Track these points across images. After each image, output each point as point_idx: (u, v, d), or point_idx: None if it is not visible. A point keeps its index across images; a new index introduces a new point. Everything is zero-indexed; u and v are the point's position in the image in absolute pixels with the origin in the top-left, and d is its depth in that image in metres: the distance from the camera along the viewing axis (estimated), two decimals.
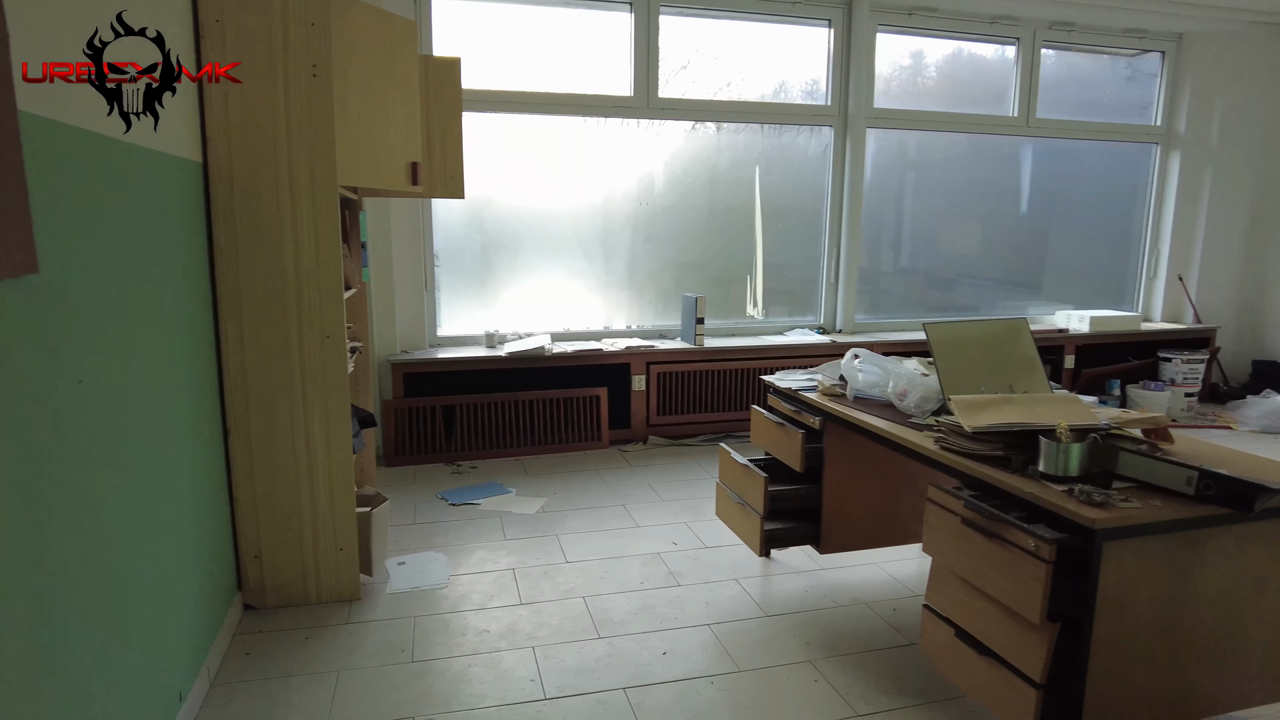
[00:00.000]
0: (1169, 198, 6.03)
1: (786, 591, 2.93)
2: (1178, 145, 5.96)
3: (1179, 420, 5.36)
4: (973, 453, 1.97)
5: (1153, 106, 6.03)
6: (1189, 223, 6.03)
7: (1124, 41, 5.79)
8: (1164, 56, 5.94)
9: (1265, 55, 5.82)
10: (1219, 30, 5.68)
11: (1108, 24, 5.55)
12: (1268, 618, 1.87)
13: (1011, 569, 1.73)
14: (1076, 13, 5.32)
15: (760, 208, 5.23)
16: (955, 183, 5.75)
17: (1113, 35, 5.71)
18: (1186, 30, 5.76)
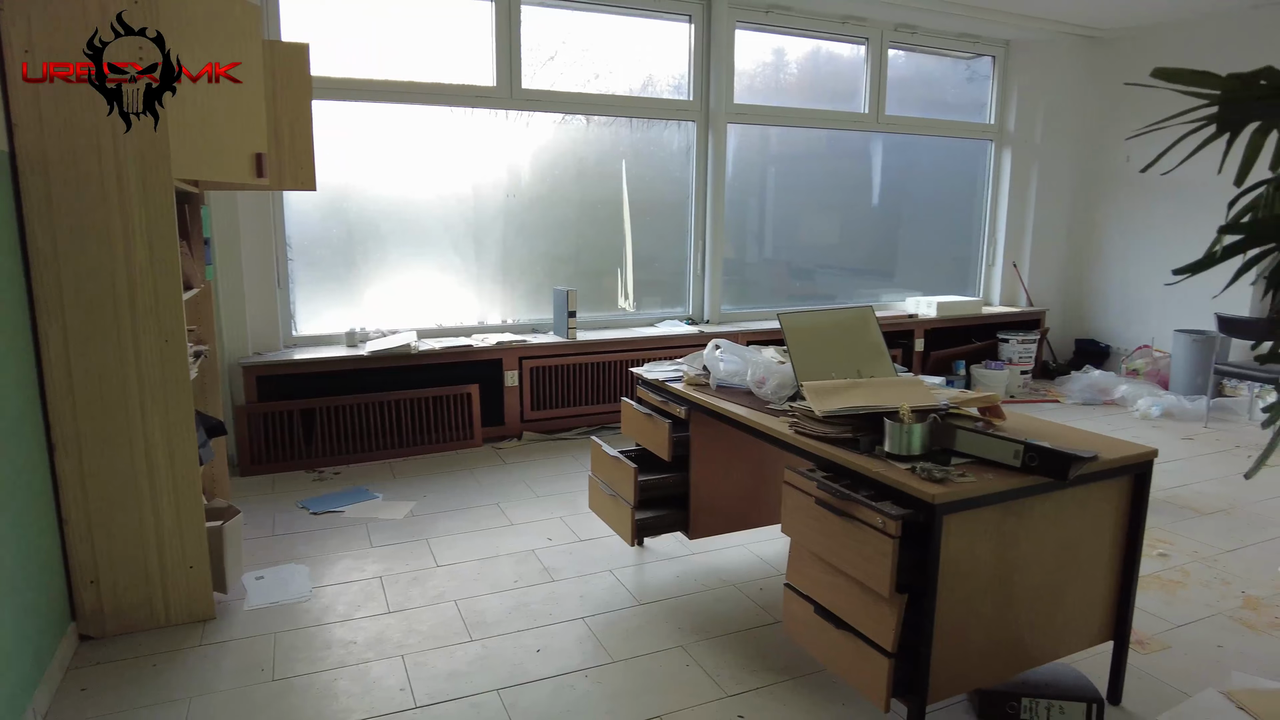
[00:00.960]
0: (1003, 191, 6.53)
1: (659, 579, 2.98)
2: (1009, 142, 6.46)
3: (1016, 396, 5.83)
4: (824, 435, 2.06)
5: (987, 106, 6.50)
6: (1020, 214, 6.55)
7: (960, 45, 6.21)
8: (995, 61, 6.42)
9: (1077, 62, 6.38)
10: (1039, 38, 6.18)
11: (945, 28, 5.94)
12: (1082, 573, 2.06)
13: (862, 545, 1.83)
14: (919, 16, 5.65)
15: (628, 201, 5.27)
16: (814, 176, 6.01)
17: (950, 39, 6.11)
18: (1013, 37, 6.24)
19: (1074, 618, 2.09)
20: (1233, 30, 5.52)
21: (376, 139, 4.55)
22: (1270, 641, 2.55)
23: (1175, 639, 2.57)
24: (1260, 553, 3.22)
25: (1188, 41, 5.78)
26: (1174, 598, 2.84)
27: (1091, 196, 6.57)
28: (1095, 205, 6.55)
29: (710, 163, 5.38)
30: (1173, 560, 3.15)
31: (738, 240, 5.80)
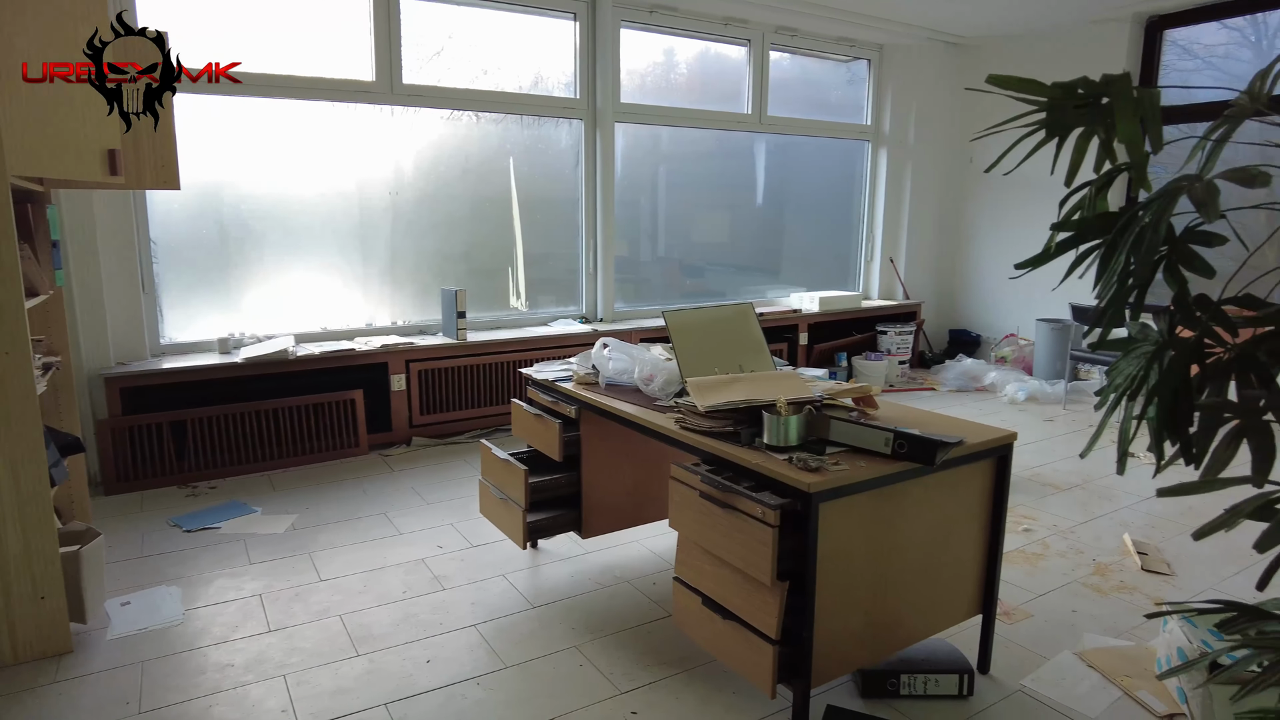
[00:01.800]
0: (880, 190, 6.83)
1: (553, 580, 2.97)
2: (884, 143, 6.76)
3: (894, 385, 6.11)
4: (707, 430, 2.10)
5: (863, 108, 6.78)
6: (896, 211, 6.87)
7: (838, 48, 6.44)
8: (870, 64, 6.70)
9: (944, 67, 6.74)
10: (910, 43, 6.50)
11: (824, 31, 6.15)
12: (952, 552, 2.18)
13: (744, 535, 1.88)
14: (798, 19, 5.83)
15: (517, 198, 5.22)
16: (705, 175, 6.12)
17: (828, 42, 6.33)
18: (886, 42, 6.53)
19: (946, 595, 2.21)
20: (1075, 40, 5.96)
21: (251, 135, 4.32)
22: (1115, 603, 2.77)
23: (1036, 608, 2.75)
24: (1108, 523, 3.50)
25: (1037, 49, 6.21)
26: (1036, 569, 3.05)
27: (959, 194, 6.96)
28: (963, 203, 6.94)
29: (599, 161, 5.39)
30: (1035, 534, 3.37)
31: (631, 238, 5.84)
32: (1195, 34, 5.67)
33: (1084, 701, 2.22)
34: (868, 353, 6.21)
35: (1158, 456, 1.10)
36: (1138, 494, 3.83)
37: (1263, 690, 0.96)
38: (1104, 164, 1.13)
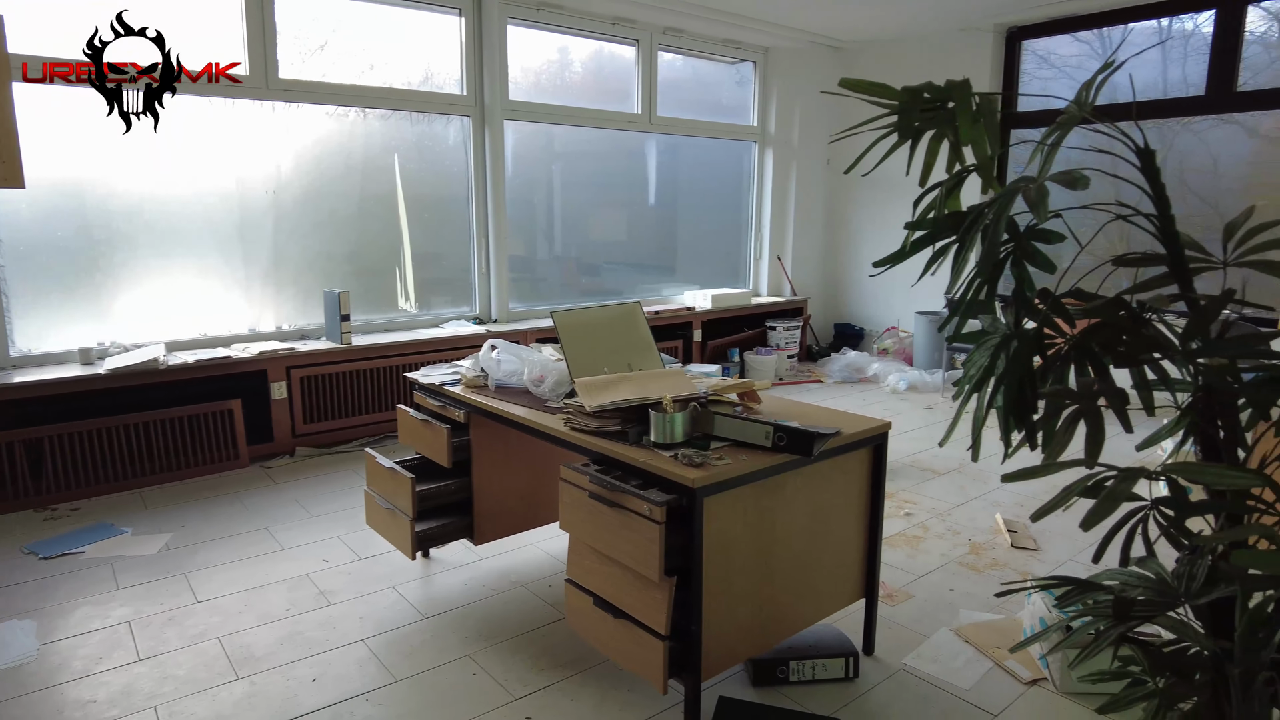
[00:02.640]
0: (767, 189, 7.00)
1: (446, 588, 2.90)
2: (770, 143, 6.93)
3: (784, 378, 6.28)
4: (596, 430, 2.10)
5: (750, 108, 6.93)
6: (783, 210, 7.07)
7: (725, 50, 6.57)
8: (756, 66, 6.86)
9: (826, 70, 6.98)
10: (794, 46, 6.69)
11: (711, 33, 6.25)
12: (834, 540, 2.26)
13: (633, 533, 1.88)
14: (685, 20, 5.90)
15: (404, 197, 5.08)
16: (600, 174, 6.13)
17: (715, 44, 6.44)
18: (771, 45, 6.70)
19: (830, 581, 2.28)
20: (946, 47, 6.29)
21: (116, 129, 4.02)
22: (988, 579, 2.94)
23: (917, 588, 2.88)
24: (982, 504, 3.71)
25: (912, 54, 6.51)
26: (916, 551, 3.20)
27: (841, 194, 7.22)
28: (845, 202, 7.21)
29: (489, 159, 5.30)
30: (915, 518, 3.54)
31: (527, 237, 5.78)
32: (1051, 45, 6.07)
33: (959, 675, 2.34)
34: (758, 348, 6.36)
35: (1005, 443, 1.17)
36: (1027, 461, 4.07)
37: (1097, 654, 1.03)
38: (954, 165, 1.19)
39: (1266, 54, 5.14)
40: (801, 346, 6.74)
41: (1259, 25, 5.13)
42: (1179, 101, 5.41)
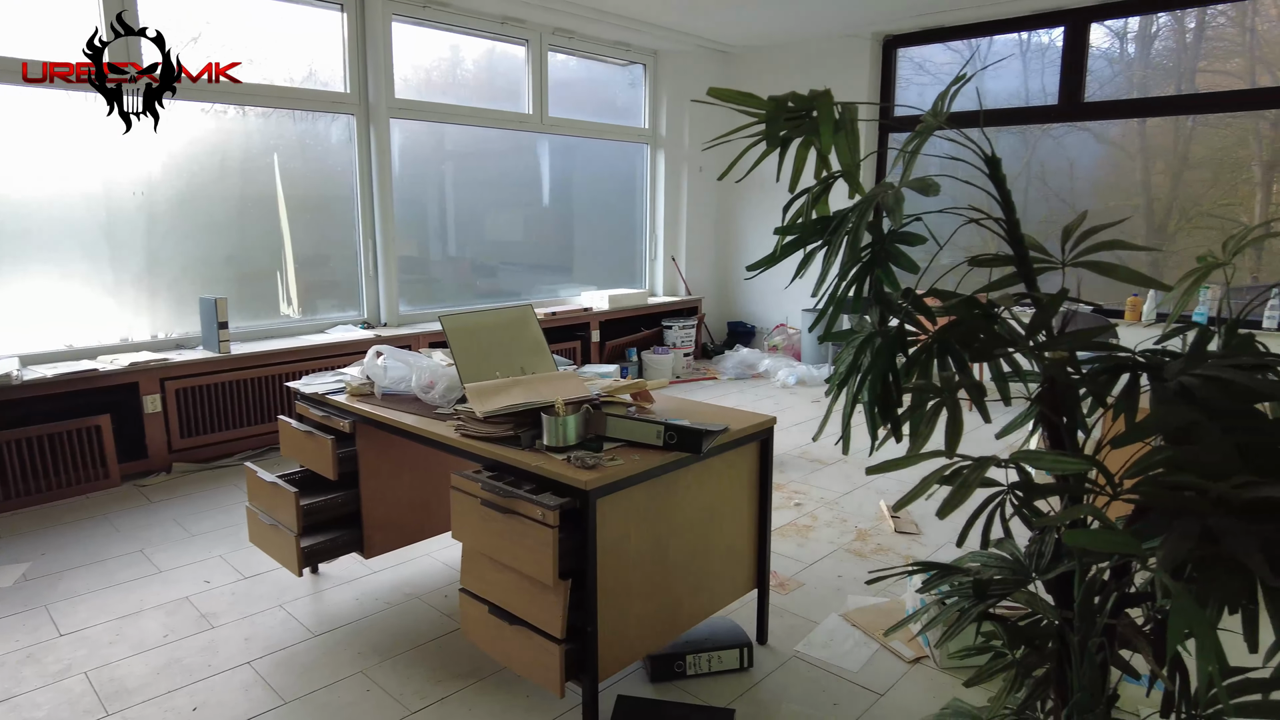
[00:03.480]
0: (659, 191, 7.09)
1: (338, 604, 2.81)
2: (662, 145, 7.02)
3: (681, 376, 6.38)
4: (488, 435, 2.08)
5: (641, 111, 7.00)
6: (676, 211, 7.17)
7: (615, 52, 6.60)
8: (646, 68, 6.93)
9: (715, 73, 7.12)
10: (683, 50, 6.79)
11: (601, 35, 6.27)
12: (726, 534, 2.32)
13: (526, 539, 1.88)
14: (575, 22, 5.90)
15: (285, 197, 4.87)
16: (494, 174, 6.05)
17: (606, 46, 6.47)
18: (660, 48, 6.78)
19: (724, 574, 2.34)
20: (828, 53, 6.53)
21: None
22: (874, 564, 3.08)
23: (808, 576, 2.99)
24: (867, 492, 3.87)
25: (796, 59, 6.73)
26: (806, 540, 3.31)
27: (730, 195, 7.39)
28: (734, 202, 7.38)
29: (375, 158, 5.15)
30: (805, 508, 3.66)
31: (419, 238, 5.65)
32: (926, 53, 6.39)
33: (848, 658, 2.44)
34: (655, 347, 6.43)
35: (872, 436, 1.23)
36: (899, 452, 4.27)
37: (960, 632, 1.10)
38: (822, 172, 1.24)
39: (1110, 68, 5.58)
40: (697, 345, 6.86)
41: (1103, 41, 5.56)
42: (1037, 110, 5.80)
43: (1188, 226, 5.52)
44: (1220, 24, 5.32)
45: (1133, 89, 5.52)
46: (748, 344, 7.19)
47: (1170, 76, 5.41)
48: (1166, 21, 5.43)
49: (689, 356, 6.63)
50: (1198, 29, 5.39)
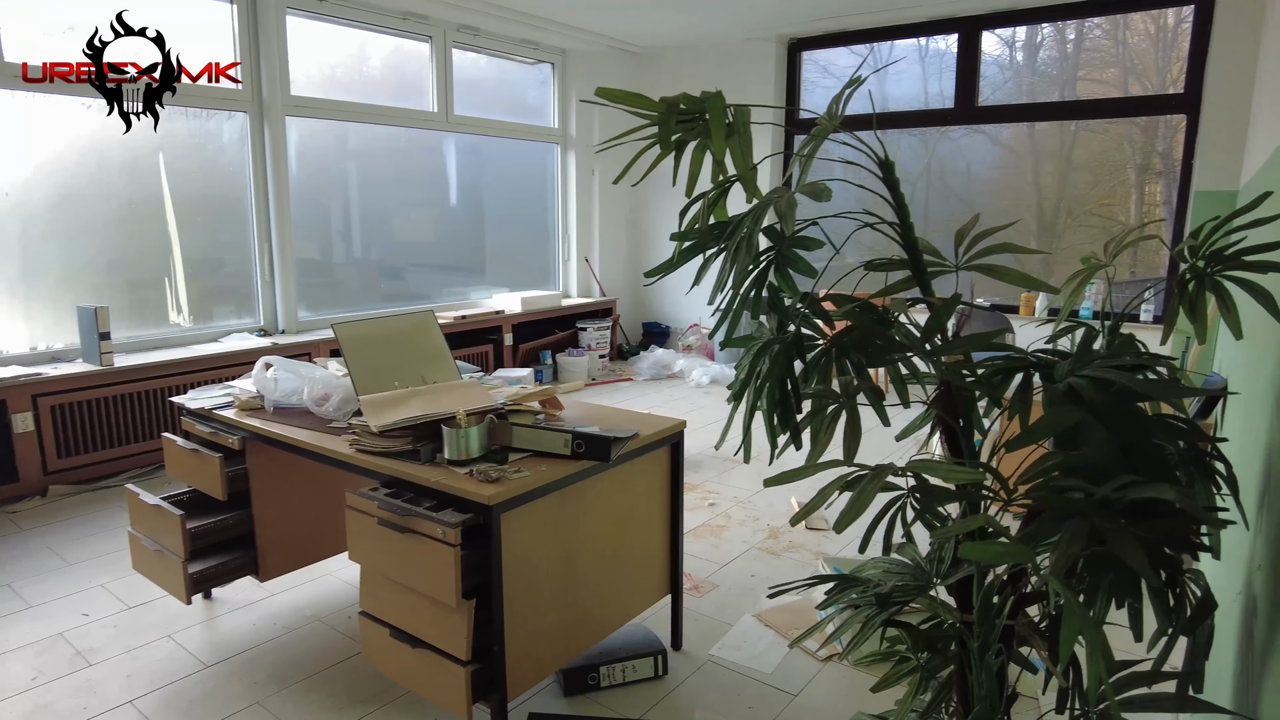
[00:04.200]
0: (571, 191, 7.02)
1: (233, 631, 2.64)
2: (572, 145, 6.95)
3: (596, 378, 6.33)
4: (385, 450, 1.98)
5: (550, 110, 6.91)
6: (588, 212, 7.12)
7: (522, 51, 6.49)
8: (554, 67, 6.84)
9: (625, 73, 7.10)
10: (591, 49, 6.74)
11: (507, 33, 6.16)
12: (638, 540, 2.28)
13: (427, 558, 1.79)
14: (479, 19, 5.77)
15: (172, 199, 4.59)
16: (400, 174, 5.87)
17: (513, 44, 6.36)
18: (569, 47, 6.71)
19: (637, 581, 2.30)
20: (735, 55, 6.59)
21: None
22: (786, 562, 3.10)
23: (722, 578, 2.98)
24: (780, 490, 3.91)
25: (704, 61, 6.77)
26: (720, 540, 3.31)
27: (641, 195, 7.39)
28: (645, 203, 7.38)
29: (269, 157, 4.91)
30: (719, 508, 3.67)
31: (322, 240, 5.43)
32: (831, 56, 6.53)
33: (762, 659, 2.44)
34: (570, 349, 6.37)
35: (771, 444, 1.21)
36: (800, 460, 4.33)
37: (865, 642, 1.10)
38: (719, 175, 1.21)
39: (1001, 74, 5.82)
40: (612, 346, 6.83)
41: (995, 49, 5.80)
42: (936, 113, 6.00)
43: (1074, 225, 5.81)
44: (1096, 36, 5.62)
45: (1022, 94, 5.77)
46: (663, 344, 7.20)
47: (1055, 84, 5.68)
48: (1050, 32, 5.70)
49: (604, 358, 6.58)
50: (1077, 40, 5.68)
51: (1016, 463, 1.07)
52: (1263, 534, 1.19)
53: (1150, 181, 5.52)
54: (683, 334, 7.19)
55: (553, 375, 6.26)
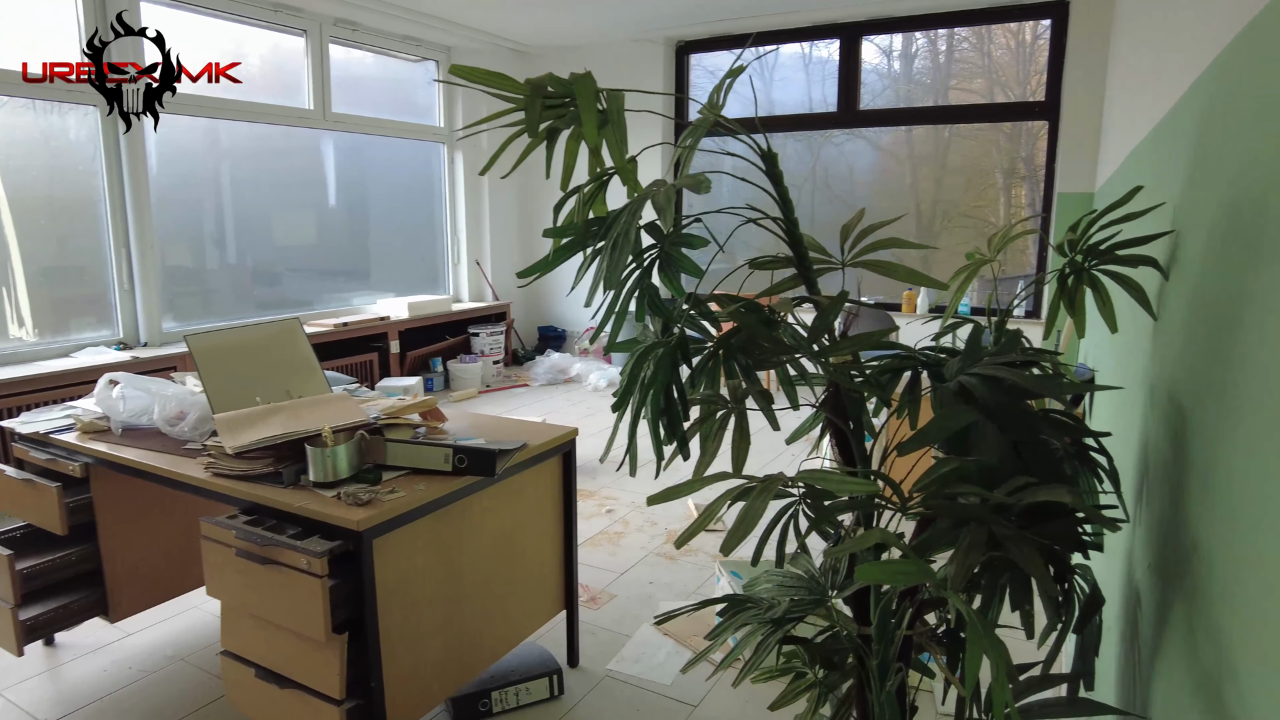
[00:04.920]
0: (459, 191, 6.81)
1: (79, 680, 2.37)
2: (459, 145, 6.74)
3: (491, 385, 6.16)
4: (244, 474, 1.80)
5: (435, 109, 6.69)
6: (477, 213, 6.92)
7: (404, 47, 6.24)
8: (438, 65, 6.62)
9: (509, 71, 6.93)
10: (477, 47, 6.56)
11: (388, 29, 5.90)
12: (530, 556, 2.17)
13: (292, 591, 1.63)
14: (358, 13, 5.50)
15: (9, 201, 4.14)
16: (279, 174, 5.54)
17: (394, 40, 6.10)
18: (454, 44, 6.50)
19: (529, 599, 2.19)
20: (623, 55, 6.55)
21: None
22: (683, 567, 3.05)
23: (619, 587, 2.91)
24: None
25: (592, 61, 6.70)
26: (618, 548, 3.23)
27: (532, 194, 7.25)
28: (536, 202, 7.24)
29: (125, 156, 4.51)
30: (617, 514, 3.59)
31: (192, 245, 5.04)
32: (718, 61, 6.58)
33: (661, 671, 2.38)
34: (462, 355, 6.16)
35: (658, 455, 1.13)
36: (689, 470, 4.31)
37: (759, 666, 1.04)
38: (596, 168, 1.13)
39: (880, 81, 6.01)
40: (507, 351, 6.66)
41: (874, 57, 5.99)
42: (819, 116, 6.14)
43: (950, 226, 6.06)
44: (965, 49, 5.89)
45: (899, 101, 5.97)
46: (559, 349, 7.08)
47: (930, 92, 5.91)
48: (924, 43, 5.93)
49: (499, 364, 6.40)
50: (949, 51, 5.94)
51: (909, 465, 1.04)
52: (1143, 525, 1.21)
53: (1016, 185, 5.82)
54: (579, 337, 7.09)
55: (444, 383, 6.04)
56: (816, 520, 0.98)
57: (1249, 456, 0.74)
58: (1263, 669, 0.65)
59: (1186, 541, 0.93)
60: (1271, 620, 0.64)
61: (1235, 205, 0.90)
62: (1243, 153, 0.91)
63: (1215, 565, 0.80)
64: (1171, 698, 0.93)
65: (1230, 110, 1.01)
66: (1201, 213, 1.07)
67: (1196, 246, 1.07)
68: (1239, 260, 0.86)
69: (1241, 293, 0.83)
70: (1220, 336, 0.89)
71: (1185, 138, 1.33)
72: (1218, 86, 1.12)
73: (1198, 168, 1.17)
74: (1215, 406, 0.87)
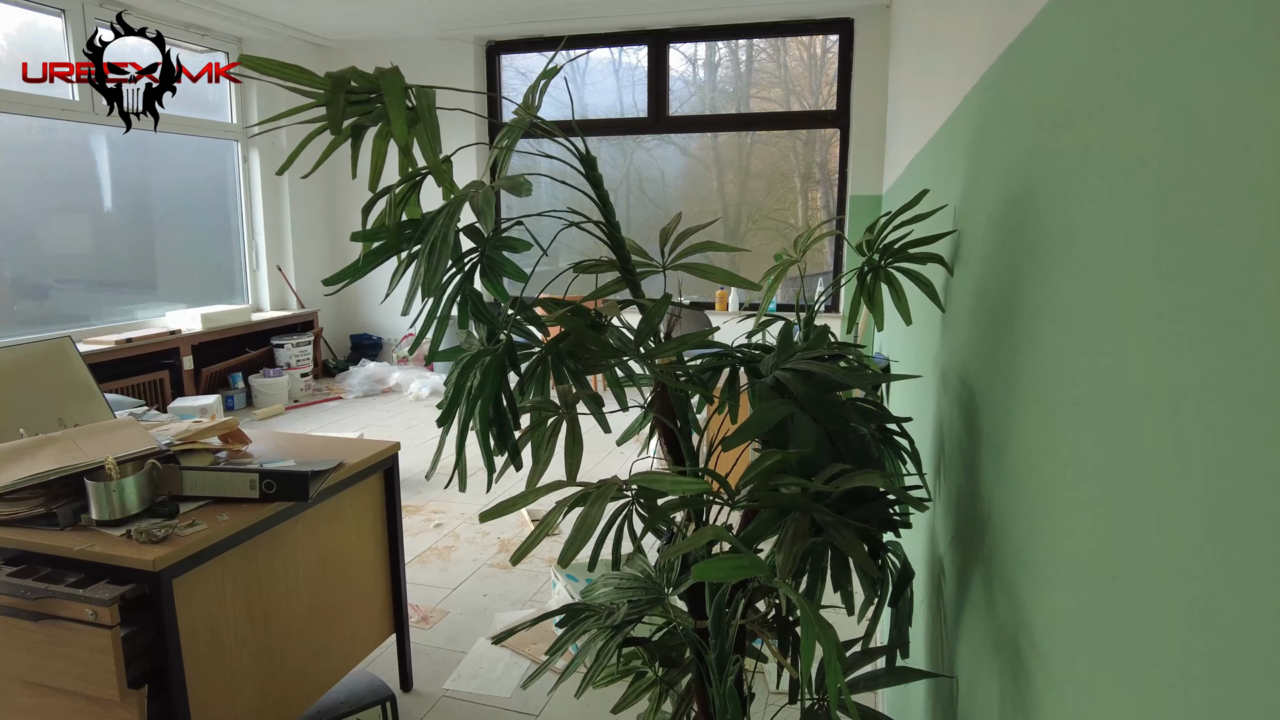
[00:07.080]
0: (256, 193, 6.33)
1: None
2: (255, 143, 6.26)
3: (300, 400, 5.77)
4: (9, 518, 1.56)
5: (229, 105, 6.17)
6: (277, 215, 6.46)
7: (189, 36, 5.70)
8: (228, 58, 6.11)
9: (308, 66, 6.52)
10: (273, 40, 6.11)
11: (169, 15, 5.36)
12: (353, 580, 2.05)
13: (75, 648, 1.44)
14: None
15: None
16: (41, 174, 4.86)
17: (177, 28, 5.55)
18: (245, 35, 6.02)
19: (355, 625, 2.07)
20: (431, 54, 6.36)
21: None
22: (518, 576, 3.01)
23: (452, 603, 2.82)
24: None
25: (398, 58, 6.41)
26: (449, 563, 3.13)
27: (340, 195, 6.87)
28: (344, 204, 6.87)
29: None
30: (446, 527, 3.48)
31: None
32: (530, 63, 6.54)
33: (500, 684, 2.33)
34: (266, 369, 5.72)
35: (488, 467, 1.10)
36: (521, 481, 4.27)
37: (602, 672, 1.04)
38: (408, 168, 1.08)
39: (687, 88, 6.24)
40: (316, 363, 6.26)
41: (681, 65, 6.20)
42: (631, 121, 6.27)
43: (754, 228, 6.39)
44: (763, 60, 6.25)
45: (705, 108, 6.23)
46: (375, 358, 6.76)
47: (732, 99, 6.21)
48: (726, 53, 6.22)
49: (308, 377, 6.00)
50: (749, 61, 6.27)
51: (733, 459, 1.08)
52: (943, 500, 1.32)
53: (812, 189, 6.24)
54: (397, 345, 6.80)
55: (246, 401, 5.58)
56: (651, 520, 0.99)
57: (1033, 430, 0.83)
58: (1054, 624, 0.73)
59: (983, 512, 1.03)
60: (1059, 579, 0.72)
61: (1007, 205, 1.01)
62: (1010, 159, 1.02)
63: (1009, 532, 0.89)
64: (974, 656, 1.03)
65: (999, 120, 1.13)
66: (979, 212, 1.19)
67: (976, 243, 1.18)
68: (1012, 253, 0.96)
69: (1016, 282, 0.93)
70: (1000, 323, 1.00)
71: (961, 145, 1.47)
72: (986, 99, 1.25)
73: (973, 172, 1.30)
74: (1001, 387, 0.97)
